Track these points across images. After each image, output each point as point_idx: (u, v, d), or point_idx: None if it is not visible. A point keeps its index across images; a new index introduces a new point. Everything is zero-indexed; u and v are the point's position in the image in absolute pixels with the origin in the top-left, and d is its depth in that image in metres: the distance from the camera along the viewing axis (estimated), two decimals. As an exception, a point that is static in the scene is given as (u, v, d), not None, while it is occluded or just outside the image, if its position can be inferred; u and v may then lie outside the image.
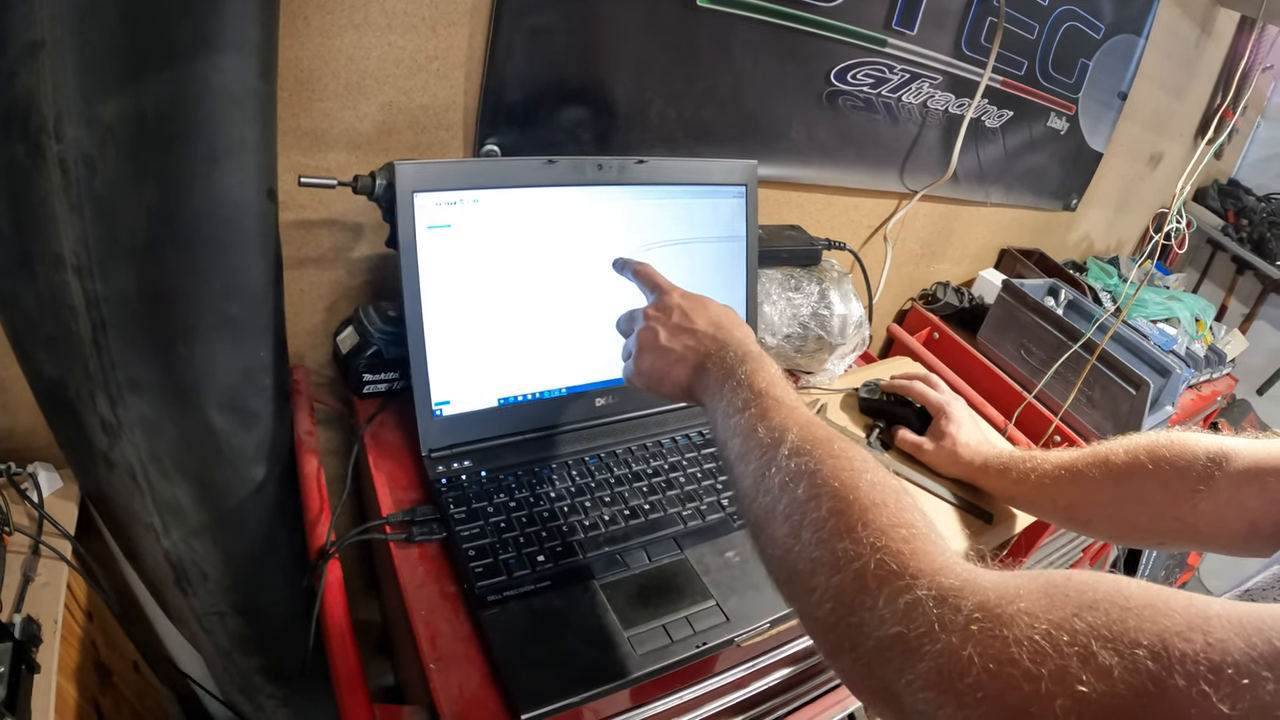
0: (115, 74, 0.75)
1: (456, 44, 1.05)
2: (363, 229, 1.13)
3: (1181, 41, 2.20)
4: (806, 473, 0.61)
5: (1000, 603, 0.45)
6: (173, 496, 0.97)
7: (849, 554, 0.53)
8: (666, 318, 0.86)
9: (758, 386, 0.73)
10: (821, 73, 1.39)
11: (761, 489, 0.64)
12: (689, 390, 0.83)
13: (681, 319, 0.85)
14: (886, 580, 0.50)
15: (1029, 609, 0.44)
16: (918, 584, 0.49)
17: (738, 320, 0.86)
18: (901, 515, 0.55)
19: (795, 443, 0.64)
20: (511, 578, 0.86)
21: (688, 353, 0.83)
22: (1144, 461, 0.93)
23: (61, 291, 0.83)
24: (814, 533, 0.57)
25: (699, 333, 0.83)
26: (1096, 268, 2.36)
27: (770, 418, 0.69)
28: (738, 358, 0.78)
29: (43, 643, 0.89)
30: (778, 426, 0.67)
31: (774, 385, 0.74)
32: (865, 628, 0.50)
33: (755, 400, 0.72)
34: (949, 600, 0.47)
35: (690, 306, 0.86)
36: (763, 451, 0.66)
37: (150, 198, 0.80)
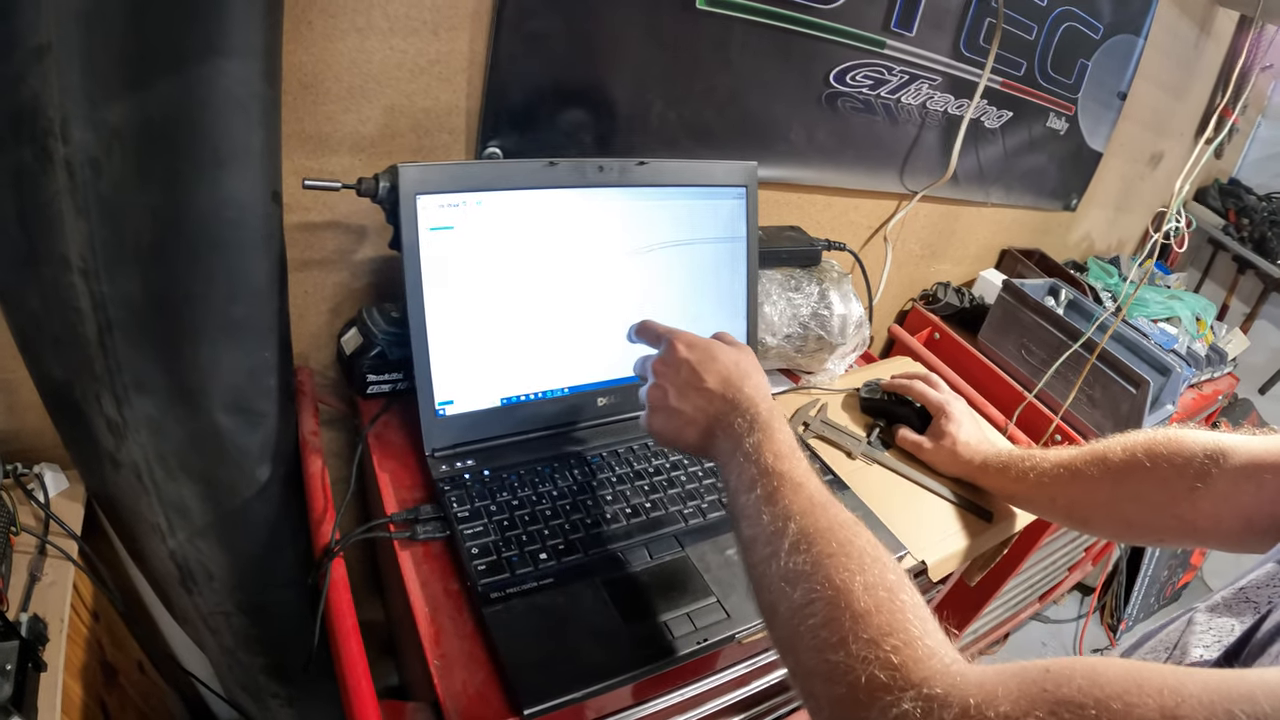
0: (121, 78, 0.76)
1: (458, 47, 1.06)
2: (366, 231, 1.14)
3: (1180, 41, 2.20)
4: (803, 574, 0.62)
5: (981, 708, 0.47)
6: (178, 496, 0.98)
7: (841, 667, 0.55)
8: (675, 374, 0.85)
9: (764, 463, 0.73)
10: (820, 74, 1.40)
11: (765, 585, 0.66)
12: (702, 451, 0.84)
13: (690, 376, 0.84)
14: (876, 694, 0.52)
15: (1009, 711, 0.46)
16: (905, 697, 0.51)
17: (748, 369, 0.85)
18: (894, 621, 0.56)
19: (795, 536, 0.65)
20: (514, 575, 0.86)
21: (698, 414, 0.83)
22: (1141, 459, 0.94)
23: (68, 293, 0.84)
24: (810, 640, 0.59)
25: (708, 391, 0.82)
26: (1097, 267, 2.36)
27: (775, 502, 0.69)
28: (746, 424, 0.78)
29: (49, 641, 0.90)
30: (781, 514, 0.68)
31: (780, 459, 0.73)
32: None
33: (762, 479, 0.72)
34: (934, 711, 0.49)
35: (698, 360, 0.85)
36: (766, 542, 0.67)
37: (156, 200, 0.81)
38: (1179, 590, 3.07)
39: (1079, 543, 2.10)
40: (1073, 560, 2.22)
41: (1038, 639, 2.77)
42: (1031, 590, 2.16)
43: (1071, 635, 2.79)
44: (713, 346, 0.87)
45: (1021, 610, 2.28)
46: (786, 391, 1.37)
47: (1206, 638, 0.60)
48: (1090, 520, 1.04)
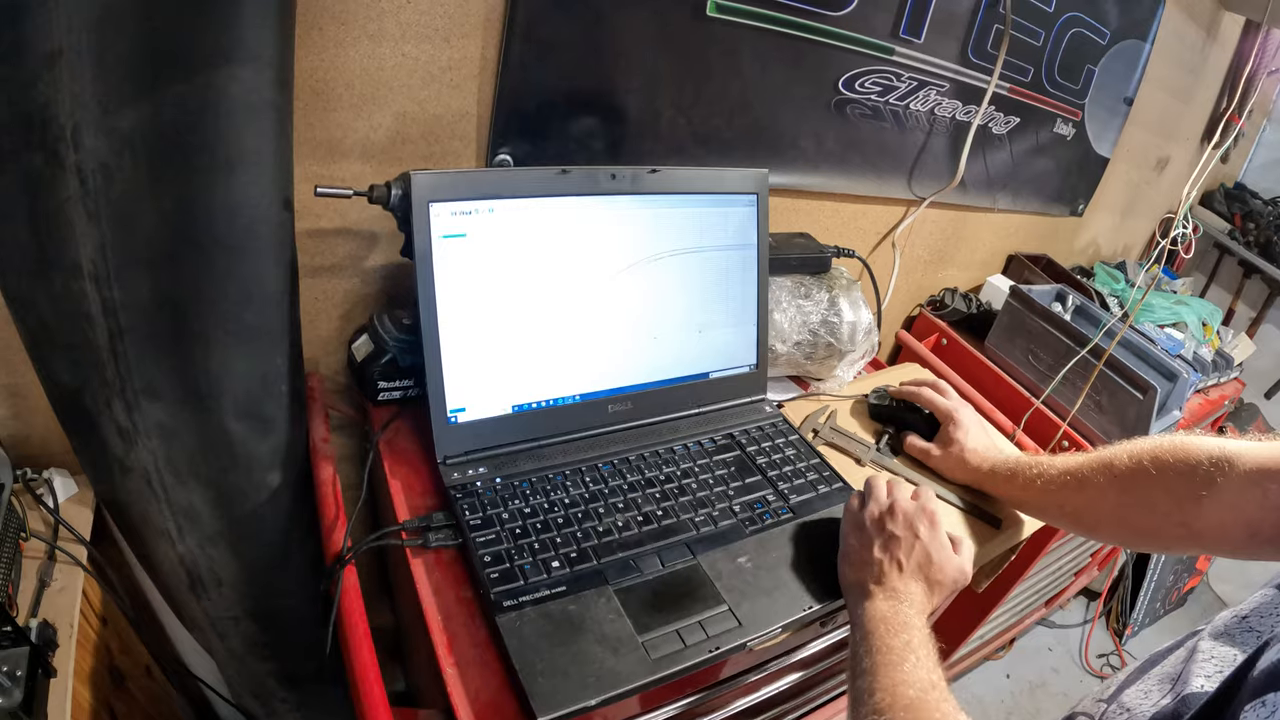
0: (133, 85, 0.76)
1: (469, 54, 1.06)
2: (377, 237, 1.14)
3: (1187, 46, 2.20)
4: None
5: None
6: (188, 502, 0.98)
7: None
8: (900, 533, 0.91)
9: (895, 646, 0.79)
10: (830, 81, 1.40)
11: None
12: (850, 588, 0.90)
13: (906, 546, 0.89)
14: None
15: None
16: None
17: (942, 581, 0.90)
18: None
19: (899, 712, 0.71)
20: (527, 583, 0.86)
21: (873, 569, 0.88)
22: (1148, 466, 0.94)
23: (79, 299, 0.84)
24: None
25: (903, 568, 0.88)
26: (1104, 273, 2.36)
27: (893, 675, 0.75)
28: (900, 613, 0.83)
29: (59, 647, 0.90)
30: (891, 688, 0.74)
31: (910, 651, 0.78)
32: None
33: (888, 655, 0.78)
34: None
35: (928, 542, 0.90)
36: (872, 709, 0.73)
37: (167, 207, 0.81)
38: (1184, 595, 3.06)
39: (1085, 548, 2.10)
40: (1079, 566, 2.22)
41: (1044, 644, 2.77)
42: (1038, 596, 2.16)
43: (1077, 640, 2.79)
44: (945, 548, 0.92)
45: (1027, 615, 2.28)
46: (795, 398, 1.37)
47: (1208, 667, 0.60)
48: (1097, 527, 1.04)
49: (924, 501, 0.95)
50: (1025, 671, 2.63)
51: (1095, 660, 2.72)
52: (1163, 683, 0.64)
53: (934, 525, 0.92)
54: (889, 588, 0.86)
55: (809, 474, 1.11)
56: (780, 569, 0.95)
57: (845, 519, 0.96)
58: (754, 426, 1.19)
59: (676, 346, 1.15)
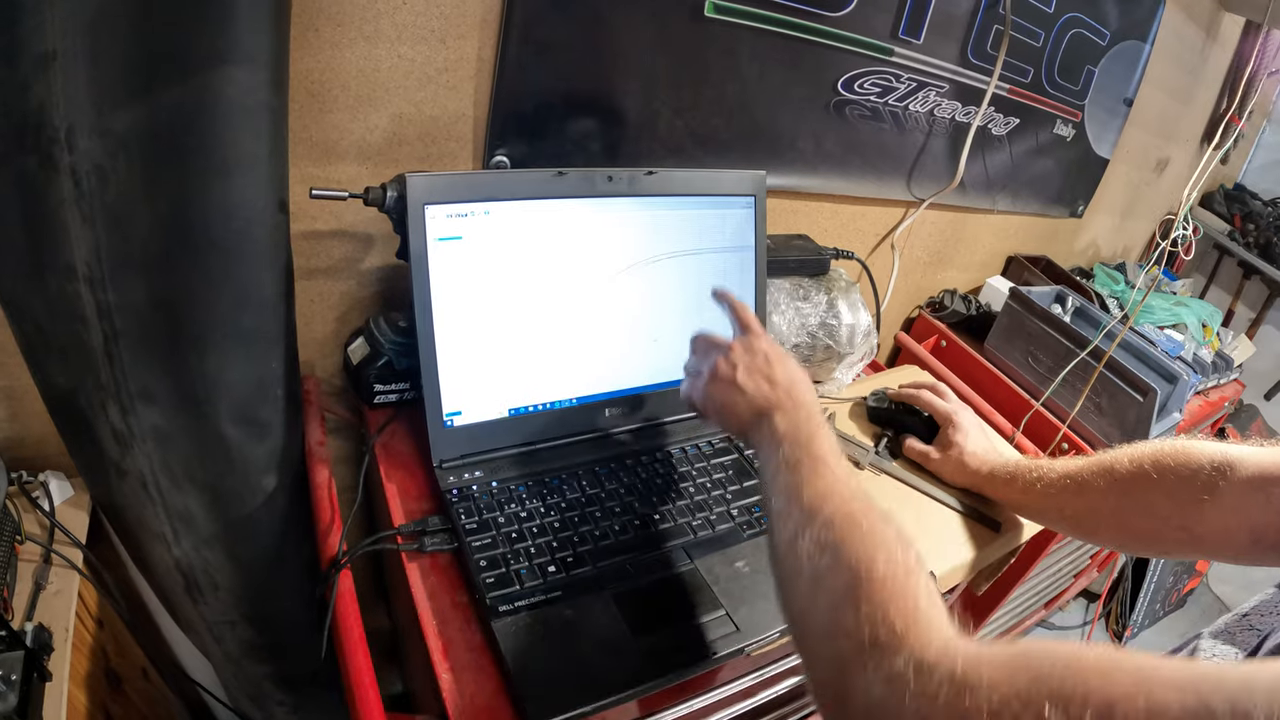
0: (127, 86, 0.75)
1: (466, 56, 1.06)
2: (373, 240, 1.14)
3: (1187, 47, 2.20)
4: (832, 545, 0.66)
5: (966, 674, 0.51)
6: (184, 506, 0.97)
7: (849, 625, 0.60)
8: (750, 358, 0.88)
9: (814, 451, 0.77)
10: (828, 82, 1.39)
11: (793, 551, 0.70)
12: (746, 430, 0.87)
13: (764, 365, 0.87)
14: (877, 651, 0.57)
15: (991, 679, 0.50)
16: (900, 656, 0.55)
17: (810, 387, 0.88)
18: (905, 592, 0.60)
19: (830, 515, 0.69)
20: (523, 588, 0.86)
21: (758, 397, 0.85)
22: (1149, 471, 0.93)
23: (73, 302, 0.83)
24: (827, 599, 0.64)
25: (776, 383, 0.86)
26: (1103, 274, 2.36)
27: (815, 484, 0.73)
28: (803, 417, 0.82)
29: (54, 651, 0.89)
30: (820, 495, 0.72)
31: (829, 454, 0.77)
32: (854, 692, 0.57)
33: (808, 463, 0.76)
34: (924, 671, 0.53)
35: (775, 356, 0.89)
36: (801, 516, 0.71)
37: (162, 209, 0.80)
38: (1184, 596, 3.06)
39: (1085, 550, 2.10)
40: (1079, 568, 2.22)
41: (1043, 646, 2.76)
42: (1038, 598, 2.16)
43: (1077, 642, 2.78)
44: (788, 356, 0.91)
45: (1027, 617, 2.28)
46: (793, 400, 1.37)
47: None
48: (1097, 531, 1.03)
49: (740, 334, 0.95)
50: (1025, 673, 2.62)
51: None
52: None
53: (760, 335, 0.93)
54: (778, 404, 0.84)
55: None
56: (778, 573, 0.95)
57: (696, 393, 0.93)
58: (752, 429, 1.18)
59: (674, 349, 1.14)
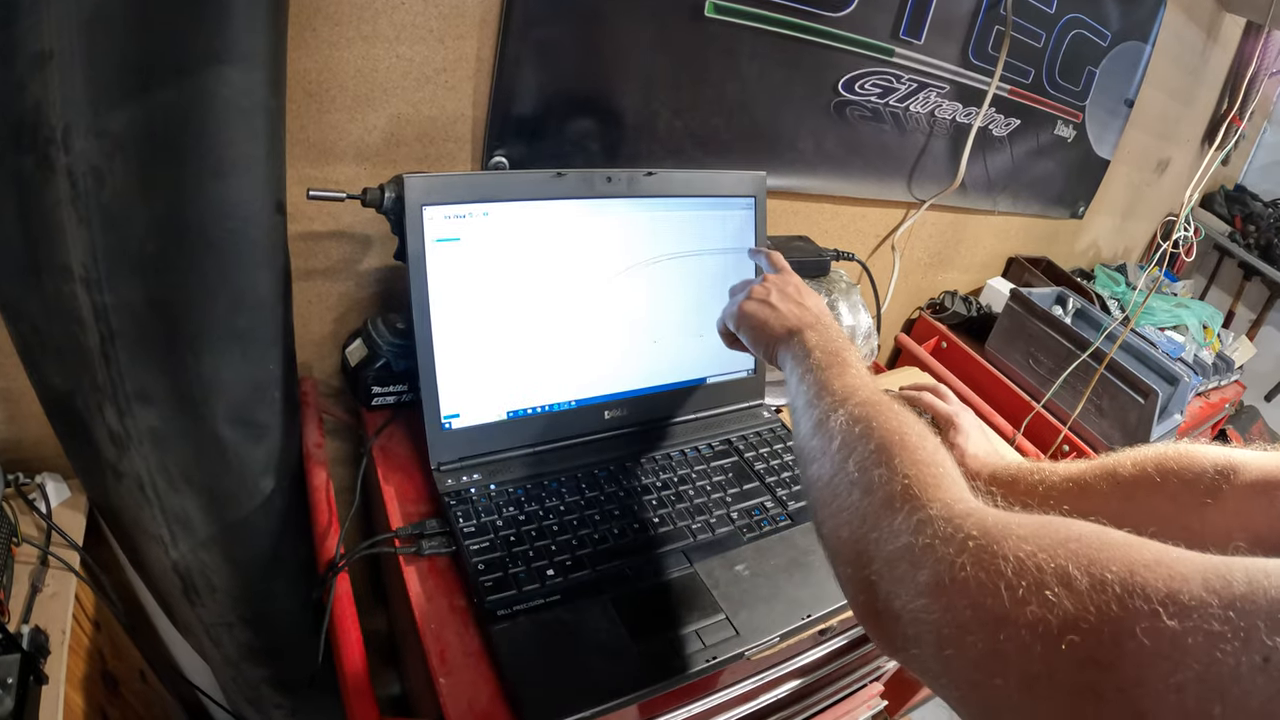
0: (124, 86, 0.75)
1: (465, 56, 1.05)
2: (371, 241, 1.13)
3: (1188, 48, 2.20)
4: (864, 418, 0.68)
5: (997, 527, 0.51)
6: (181, 508, 0.97)
7: (882, 479, 0.61)
8: (784, 285, 0.96)
9: (845, 358, 0.81)
10: (829, 83, 1.39)
11: (823, 428, 0.72)
12: (777, 344, 0.90)
13: (795, 293, 0.94)
14: (908, 501, 0.57)
15: (1021, 534, 0.50)
16: (931, 506, 0.56)
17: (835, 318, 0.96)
18: (935, 457, 0.62)
19: (862, 398, 0.72)
20: (521, 591, 0.85)
21: (792, 316, 0.90)
22: (1152, 474, 0.93)
23: (70, 303, 0.83)
24: (858, 461, 0.65)
25: (807, 308, 0.92)
26: (1104, 275, 2.36)
27: (847, 379, 0.77)
28: (834, 335, 0.86)
29: (50, 654, 0.89)
30: (850, 386, 0.75)
31: (859, 363, 0.81)
32: (880, 542, 0.57)
33: (837, 365, 0.80)
34: (954, 520, 0.53)
35: (806, 290, 0.96)
36: (832, 400, 0.74)
37: (159, 210, 0.80)
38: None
39: (1086, 552, 2.09)
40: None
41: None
42: (1038, 600, 2.15)
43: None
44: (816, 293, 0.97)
45: (1027, 620, 2.27)
46: (794, 402, 1.37)
47: None
48: None
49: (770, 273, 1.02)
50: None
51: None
52: None
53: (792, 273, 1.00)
54: (810, 324, 0.88)
55: (808, 479, 1.10)
56: (778, 577, 0.95)
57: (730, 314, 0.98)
58: (752, 432, 1.18)
59: (673, 351, 1.15)
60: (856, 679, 1.25)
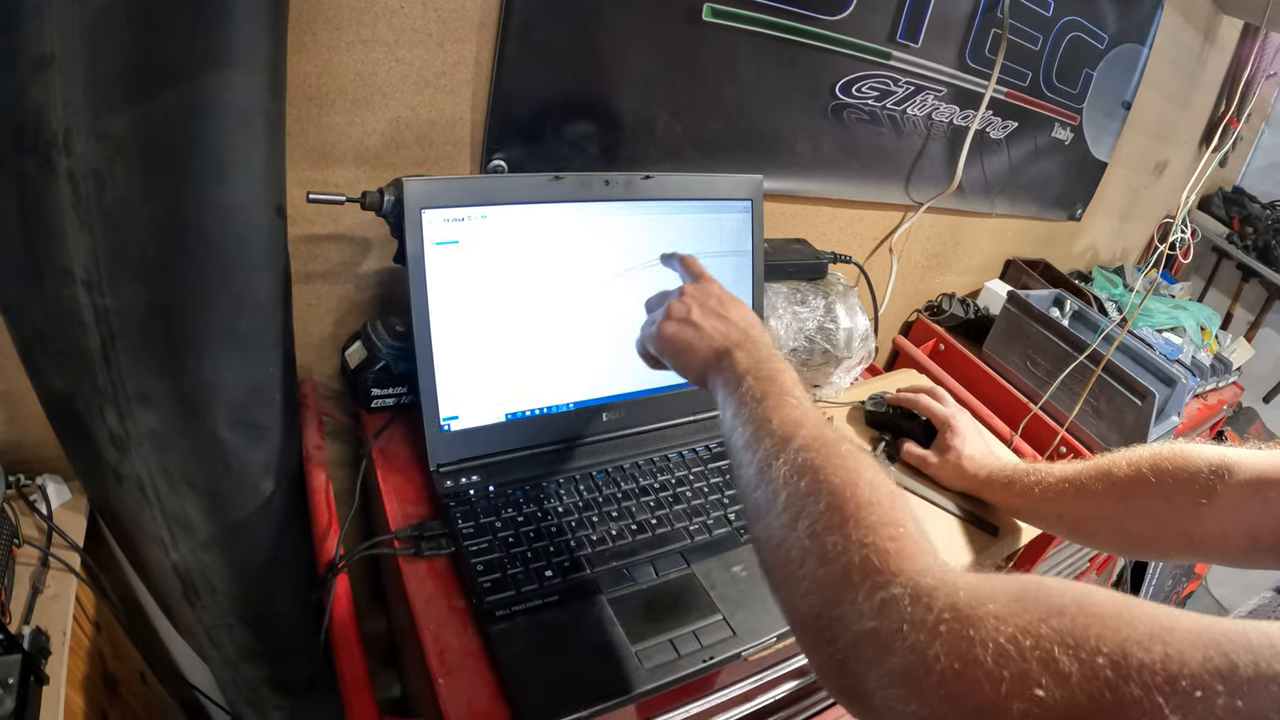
0: (125, 90, 0.75)
1: (464, 59, 1.06)
2: (370, 244, 1.14)
3: (1185, 50, 2.20)
4: (811, 468, 0.63)
5: (970, 604, 0.47)
6: (181, 510, 0.98)
7: (838, 548, 0.55)
8: (704, 298, 0.88)
9: (780, 383, 0.75)
10: (826, 86, 1.40)
11: (765, 478, 0.66)
12: (705, 369, 0.84)
13: (718, 304, 0.87)
14: (868, 576, 0.52)
15: (997, 612, 0.46)
16: (896, 581, 0.51)
17: (764, 328, 0.88)
18: (893, 515, 0.57)
19: (806, 439, 0.66)
20: (519, 592, 0.86)
21: (716, 334, 0.84)
22: (1146, 474, 0.93)
23: (71, 305, 0.84)
24: (808, 524, 0.59)
25: (732, 321, 0.85)
26: (1102, 277, 2.36)
27: (785, 412, 0.70)
28: (765, 354, 0.80)
29: (51, 654, 0.89)
30: (791, 421, 0.69)
31: (795, 386, 0.75)
32: (844, 620, 0.52)
33: (775, 394, 0.73)
34: (922, 599, 0.49)
35: (728, 299, 0.89)
36: (773, 443, 0.68)
37: (159, 213, 0.81)
38: (1183, 600, 3.06)
39: (1084, 554, 2.09)
40: (1078, 570, 2.21)
41: (1041, 649, 2.75)
42: (1036, 602, 2.15)
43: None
44: (743, 301, 0.91)
45: (1026, 621, 2.27)
46: (791, 404, 1.37)
47: None
48: (1095, 536, 1.03)
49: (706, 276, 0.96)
50: (1023, 677, 2.62)
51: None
52: None
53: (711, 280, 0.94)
54: (737, 341, 0.83)
55: (805, 481, 1.11)
56: (775, 577, 0.95)
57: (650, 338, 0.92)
58: (749, 433, 1.18)
59: (672, 354, 1.15)
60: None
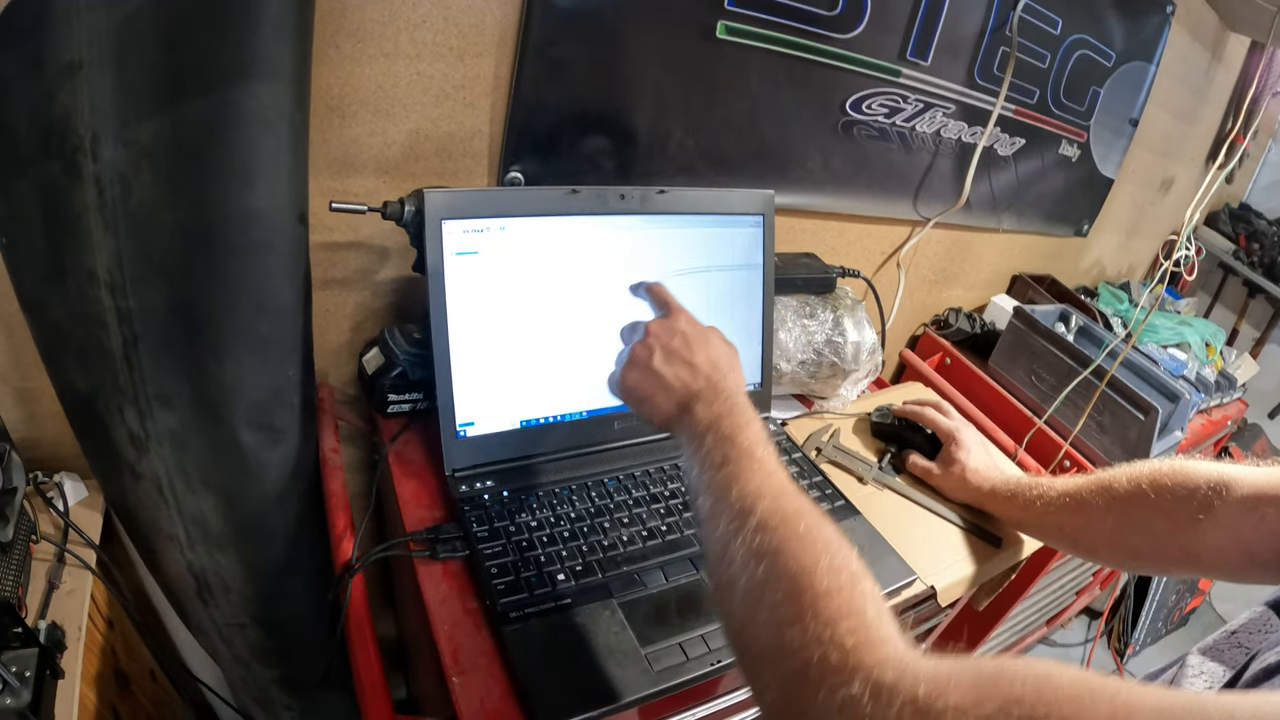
0: (152, 98, 0.77)
1: (483, 73, 1.07)
2: (388, 252, 1.15)
3: (1192, 67, 2.21)
4: (768, 552, 0.61)
5: (930, 698, 0.47)
6: (198, 509, 0.99)
7: (796, 643, 0.54)
8: (668, 339, 0.84)
9: (740, 443, 0.72)
10: (837, 103, 1.41)
11: (725, 559, 0.64)
12: (667, 422, 0.82)
13: (682, 346, 0.83)
14: (828, 674, 0.52)
15: (958, 703, 0.46)
16: (856, 679, 0.50)
17: (735, 364, 0.85)
18: (852, 604, 0.56)
19: (763, 516, 0.64)
20: (533, 595, 0.87)
21: (677, 383, 0.81)
22: (1146, 490, 0.94)
23: (94, 306, 0.85)
24: (768, 615, 0.58)
25: (696, 367, 0.81)
26: (1108, 293, 2.37)
27: (745, 481, 0.68)
28: (727, 407, 0.77)
29: (67, 649, 0.91)
30: (751, 493, 0.67)
31: (756, 445, 0.72)
32: (807, 716, 0.52)
33: (735, 458, 0.71)
34: (883, 696, 0.48)
35: (694, 336, 0.85)
36: (731, 518, 0.66)
37: (184, 218, 0.82)
38: (1186, 615, 3.05)
39: (1086, 568, 2.10)
40: (1080, 585, 2.22)
41: (1044, 663, 2.75)
42: (1039, 614, 2.16)
43: (1079, 659, 2.78)
44: (711, 332, 0.87)
45: (1029, 634, 2.28)
46: (799, 416, 1.38)
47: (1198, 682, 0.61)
48: (1096, 549, 1.04)
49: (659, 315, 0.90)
50: (1025, 690, 2.62)
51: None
52: None
53: (678, 313, 0.89)
54: (699, 393, 0.79)
55: (811, 491, 1.12)
56: (782, 585, 0.96)
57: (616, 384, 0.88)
58: (758, 443, 1.19)
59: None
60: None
